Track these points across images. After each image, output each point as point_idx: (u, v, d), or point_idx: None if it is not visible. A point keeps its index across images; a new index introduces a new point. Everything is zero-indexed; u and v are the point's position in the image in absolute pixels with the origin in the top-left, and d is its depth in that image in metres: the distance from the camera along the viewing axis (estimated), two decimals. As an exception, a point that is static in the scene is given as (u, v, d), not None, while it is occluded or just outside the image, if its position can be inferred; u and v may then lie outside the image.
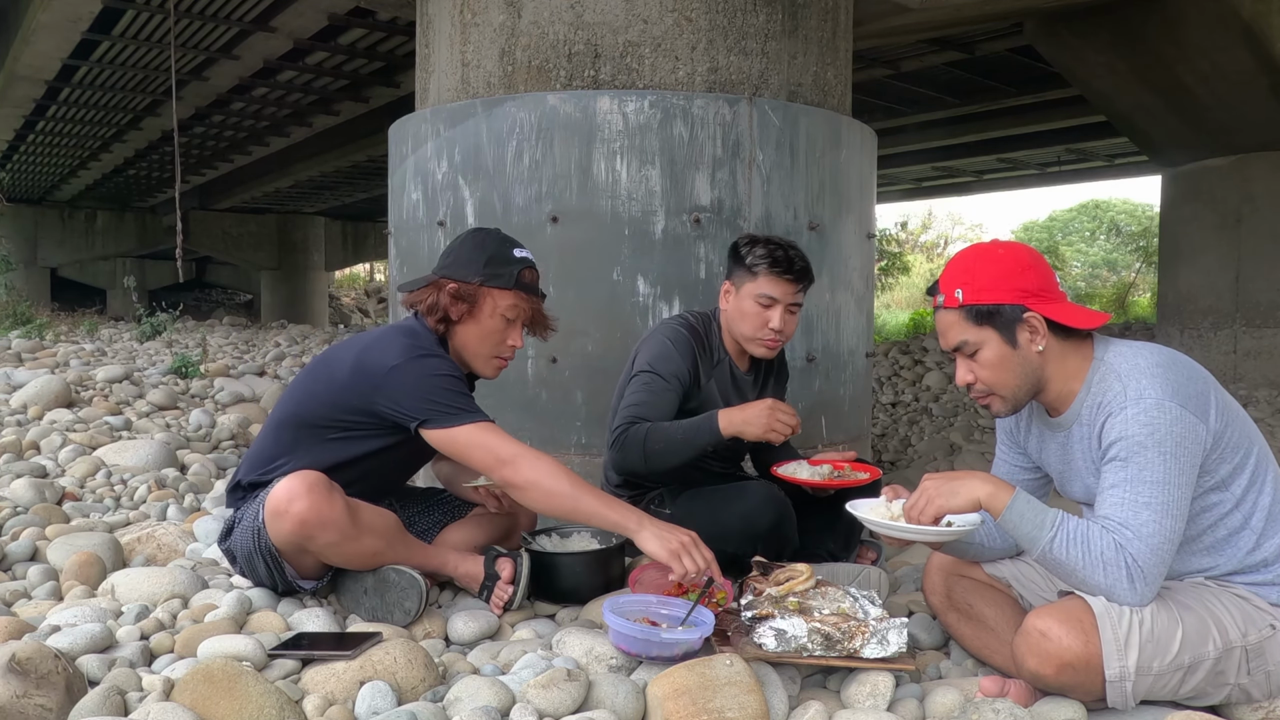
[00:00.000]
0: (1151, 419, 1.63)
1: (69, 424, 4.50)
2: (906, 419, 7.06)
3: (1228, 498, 1.71)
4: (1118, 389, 1.69)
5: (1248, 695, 1.69)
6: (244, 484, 2.27)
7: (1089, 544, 1.62)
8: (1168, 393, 1.64)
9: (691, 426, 2.32)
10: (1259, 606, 1.70)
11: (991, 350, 1.77)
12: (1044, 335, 1.75)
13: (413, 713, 1.60)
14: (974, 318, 1.77)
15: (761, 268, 2.40)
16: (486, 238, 2.28)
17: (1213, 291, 7.99)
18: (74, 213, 21.98)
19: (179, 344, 10.20)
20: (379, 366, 2.11)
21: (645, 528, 2.01)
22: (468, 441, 2.07)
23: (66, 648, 1.83)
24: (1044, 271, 1.78)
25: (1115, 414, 1.67)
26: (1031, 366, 1.77)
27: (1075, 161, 14.66)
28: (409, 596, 2.11)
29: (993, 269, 1.76)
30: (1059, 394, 1.81)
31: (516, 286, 2.22)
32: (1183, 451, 1.62)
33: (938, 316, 1.84)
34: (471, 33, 3.35)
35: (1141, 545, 1.60)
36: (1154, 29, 6.76)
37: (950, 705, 1.74)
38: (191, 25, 8.54)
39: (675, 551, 1.96)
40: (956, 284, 1.78)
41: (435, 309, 2.20)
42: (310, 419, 2.21)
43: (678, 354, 2.44)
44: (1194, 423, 1.63)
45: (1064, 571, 1.67)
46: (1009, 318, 1.75)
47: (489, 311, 2.22)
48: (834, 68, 3.52)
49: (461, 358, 2.28)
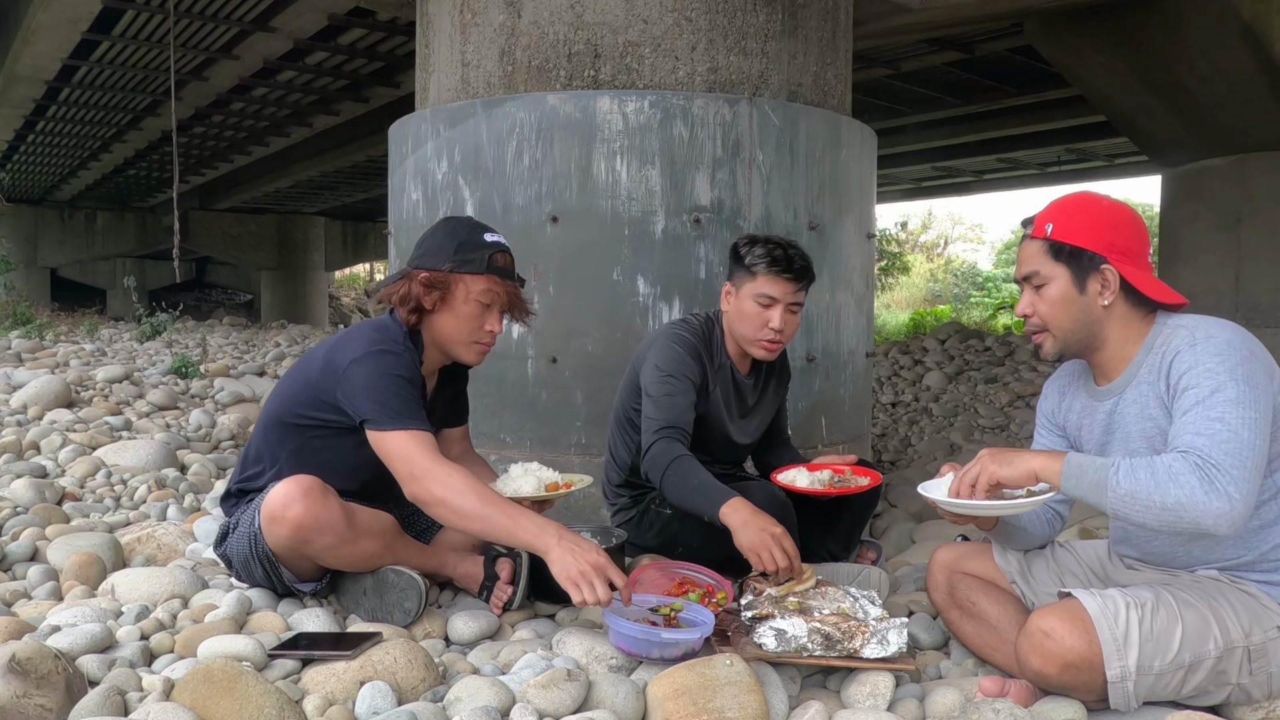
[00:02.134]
0: (1221, 350, 1.62)
1: (69, 424, 4.50)
2: (906, 419, 7.06)
3: (1271, 485, 1.69)
4: (1185, 335, 1.69)
5: (1248, 695, 1.69)
6: (233, 490, 2.30)
7: (1153, 467, 1.55)
8: (1238, 338, 1.65)
9: (703, 490, 2.19)
10: (1267, 606, 1.69)
11: (1058, 288, 1.78)
12: (1114, 292, 1.75)
13: (413, 713, 1.60)
14: (1053, 252, 1.78)
15: (760, 267, 2.39)
16: (457, 225, 2.27)
17: (1213, 291, 7.98)
18: (74, 213, 21.97)
19: (179, 344, 10.20)
20: (342, 361, 2.12)
21: (552, 550, 1.89)
22: (393, 448, 2.04)
23: (66, 648, 1.83)
24: (1140, 235, 1.79)
25: (1184, 351, 1.67)
26: (1092, 317, 1.78)
27: (1075, 161, 14.65)
28: (409, 597, 2.11)
29: (1089, 216, 1.77)
30: (1113, 356, 1.81)
31: (489, 271, 2.19)
32: (1256, 381, 1.59)
33: (1022, 245, 1.86)
34: (471, 33, 3.35)
35: (1213, 447, 1.53)
36: (1154, 29, 6.75)
37: (950, 705, 1.74)
38: (191, 25, 8.53)
39: (574, 579, 1.84)
40: (1050, 219, 1.80)
41: (408, 299, 2.18)
42: (291, 419, 2.22)
43: (688, 357, 2.44)
44: (1263, 373, 1.62)
45: (1141, 506, 1.55)
46: (1086, 263, 1.76)
47: (463, 298, 2.19)
48: (834, 68, 3.52)
49: (442, 347, 2.26)
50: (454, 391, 2.47)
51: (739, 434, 2.62)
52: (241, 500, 2.28)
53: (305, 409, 2.19)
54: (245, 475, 2.29)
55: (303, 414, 2.20)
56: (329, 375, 2.14)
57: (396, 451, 2.03)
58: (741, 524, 2.05)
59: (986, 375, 7.96)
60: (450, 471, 2.00)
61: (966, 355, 8.62)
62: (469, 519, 1.97)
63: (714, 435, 2.55)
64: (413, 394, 2.10)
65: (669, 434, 2.30)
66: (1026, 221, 1.88)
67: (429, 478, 1.99)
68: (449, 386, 2.45)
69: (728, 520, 2.08)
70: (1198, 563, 1.77)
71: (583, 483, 2.33)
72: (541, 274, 3.13)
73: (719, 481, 2.20)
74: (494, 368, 3.21)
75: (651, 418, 2.35)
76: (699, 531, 2.38)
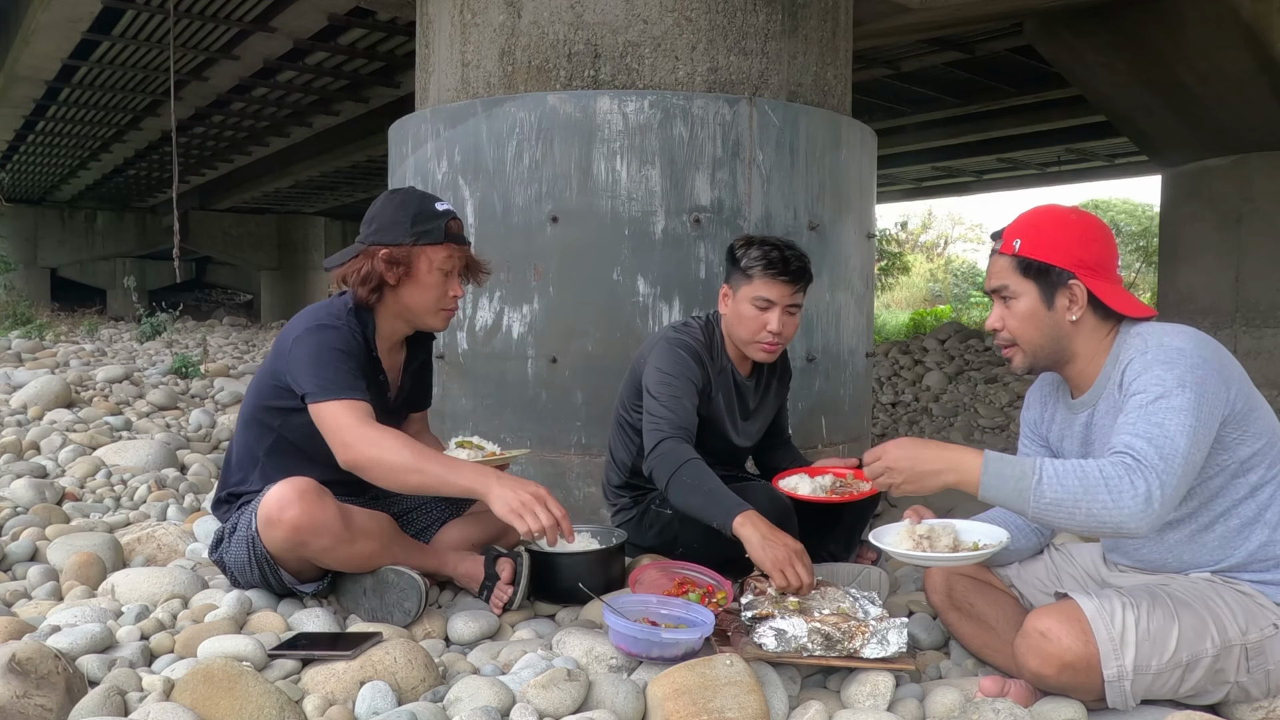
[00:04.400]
0: (1172, 359, 1.63)
1: (69, 424, 4.50)
2: (906, 419, 7.06)
3: (1244, 485, 1.70)
4: (1139, 343, 1.71)
5: (1247, 694, 1.69)
6: (223, 496, 2.33)
7: (1082, 470, 1.55)
8: (1193, 346, 1.65)
9: (715, 498, 2.16)
10: (1262, 604, 1.69)
11: (1026, 303, 1.79)
12: (1082, 307, 1.76)
13: (413, 713, 1.60)
14: (1022, 268, 1.79)
15: (756, 270, 2.38)
16: (407, 197, 2.27)
17: (1212, 291, 7.99)
18: (74, 213, 21.98)
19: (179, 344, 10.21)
20: (287, 341, 2.16)
21: (493, 488, 1.92)
22: (326, 418, 2.05)
23: (66, 648, 1.83)
24: (1108, 248, 1.79)
25: (1135, 359, 1.68)
26: (1060, 332, 1.78)
27: (1075, 161, 14.65)
28: (409, 597, 2.11)
29: (1057, 232, 1.78)
30: (1084, 370, 1.82)
31: (447, 240, 2.22)
32: (1204, 391, 1.60)
33: (992, 259, 1.87)
34: (471, 33, 3.35)
35: (1147, 448, 1.53)
36: (1154, 29, 6.75)
37: (950, 705, 1.74)
38: (191, 25, 8.54)
39: (516, 510, 1.87)
40: (1019, 234, 1.80)
41: (370, 278, 2.18)
42: (262, 414, 2.25)
43: (690, 360, 2.43)
44: (1217, 378, 1.63)
45: (1065, 513, 1.55)
46: (1054, 279, 1.77)
47: (426, 269, 2.21)
48: (834, 68, 3.52)
49: (409, 318, 2.28)
50: (420, 364, 2.48)
51: (740, 436, 2.62)
52: (233, 505, 2.29)
53: (270, 399, 2.22)
54: (231, 479, 2.32)
55: (270, 404, 2.23)
56: (279, 358, 2.18)
57: (329, 421, 2.04)
58: (761, 540, 2.02)
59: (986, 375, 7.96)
60: (382, 432, 2.02)
61: (966, 355, 8.63)
62: (406, 473, 1.98)
63: (715, 438, 2.55)
64: (350, 366, 2.11)
65: (676, 435, 2.29)
66: (996, 235, 1.88)
67: (361, 442, 2.00)
68: (415, 359, 2.46)
69: (742, 533, 2.05)
70: (1188, 567, 1.78)
71: (522, 454, 2.40)
72: (541, 274, 3.13)
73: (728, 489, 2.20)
74: (494, 367, 3.22)
75: (657, 416, 2.34)
76: (699, 532, 2.37)
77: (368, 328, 2.24)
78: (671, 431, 2.29)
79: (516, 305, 3.16)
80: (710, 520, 2.15)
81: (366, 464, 2.00)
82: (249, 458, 2.29)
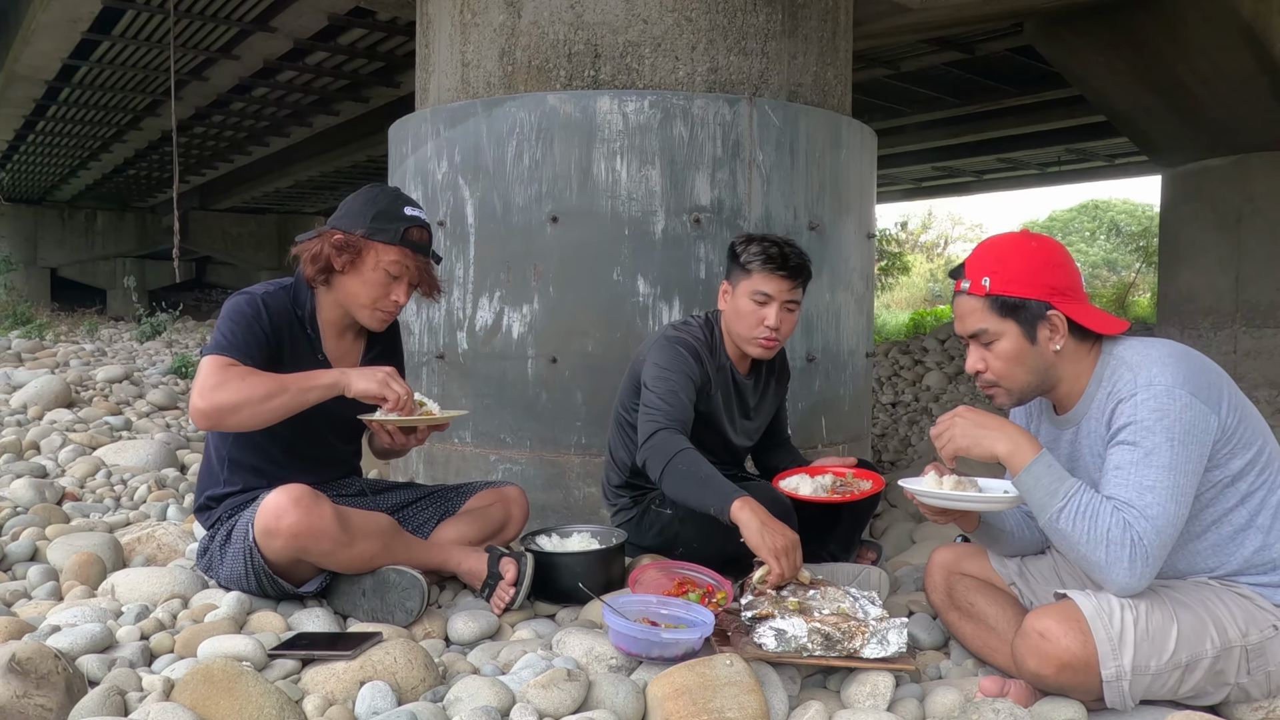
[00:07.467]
0: (1161, 404, 1.62)
1: (69, 424, 4.50)
2: (906, 419, 7.06)
3: (1234, 493, 1.70)
4: (1128, 377, 1.69)
5: (1247, 695, 1.69)
6: (203, 503, 2.32)
7: (1096, 519, 1.61)
8: (1179, 380, 1.64)
9: (711, 484, 2.15)
10: (1262, 606, 1.69)
11: (1009, 343, 1.76)
12: (1064, 335, 1.75)
13: (413, 713, 1.60)
14: (998, 308, 1.75)
15: (755, 264, 2.39)
16: (379, 193, 2.29)
17: (1213, 291, 7.98)
18: (74, 213, 21.97)
19: (179, 344, 10.21)
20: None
21: (350, 377, 2.10)
22: (198, 373, 2.09)
23: (66, 648, 1.83)
24: (1072, 271, 1.78)
25: (1125, 399, 1.67)
26: (1045, 364, 1.77)
27: (1075, 161, 14.65)
28: (410, 596, 2.11)
29: (1024, 262, 1.75)
30: (1067, 392, 1.81)
31: (402, 243, 2.22)
32: (1191, 439, 1.62)
33: (959, 301, 1.82)
34: (471, 33, 3.35)
35: (1147, 525, 1.59)
36: (1154, 29, 6.75)
37: (950, 705, 1.74)
38: (191, 25, 8.54)
39: (382, 381, 2.09)
40: (985, 271, 1.76)
41: (319, 258, 2.22)
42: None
43: (689, 357, 2.43)
44: (1204, 411, 1.63)
45: (1066, 544, 1.65)
46: (1033, 313, 1.74)
47: (371, 264, 2.22)
48: (834, 68, 3.52)
49: (345, 307, 2.30)
50: (378, 354, 2.47)
51: (739, 435, 2.62)
52: (215, 508, 2.30)
53: None
54: (206, 483, 2.33)
55: None
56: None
57: (197, 378, 2.08)
58: (760, 526, 2.01)
59: (986, 375, 7.94)
60: (240, 373, 2.06)
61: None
62: (268, 399, 2.03)
63: (714, 436, 2.55)
64: (248, 331, 2.16)
65: (671, 426, 2.29)
66: (956, 272, 1.83)
67: (216, 391, 2.03)
68: (373, 349, 2.46)
69: (739, 517, 2.04)
70: (1184, 575, 1.78)
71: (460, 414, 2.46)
72: (541, 274, 3.13)
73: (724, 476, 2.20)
74: (494, 368, 3.22)
75: (652, 409, 2.34)
76: (699, 532, 2.38)
77: (306, 305, 2.29)
78: (666, 423, 2.29)
79: (516, 305, 3.16)
80: (706, 507, 2.13)
81: (226, 408, 2.03)
82: (217, 458, 2.31)
